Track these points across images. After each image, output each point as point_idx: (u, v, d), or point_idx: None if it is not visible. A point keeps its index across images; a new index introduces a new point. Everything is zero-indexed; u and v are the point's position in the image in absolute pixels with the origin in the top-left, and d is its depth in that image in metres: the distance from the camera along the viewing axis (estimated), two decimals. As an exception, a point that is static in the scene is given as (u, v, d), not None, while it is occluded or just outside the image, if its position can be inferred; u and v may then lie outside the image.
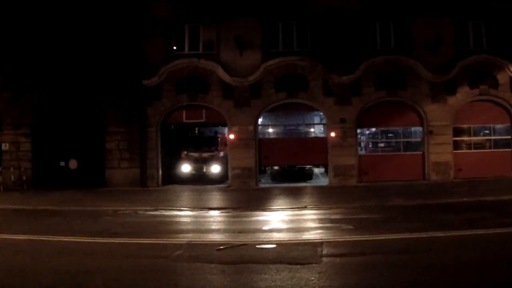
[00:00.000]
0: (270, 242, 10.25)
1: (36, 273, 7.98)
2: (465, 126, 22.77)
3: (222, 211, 15.61)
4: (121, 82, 21.69)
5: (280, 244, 10.05)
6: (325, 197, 18.27)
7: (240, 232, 11.66)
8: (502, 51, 21.85)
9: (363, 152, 23.22)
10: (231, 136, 22.35)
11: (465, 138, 22.87)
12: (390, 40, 22.32)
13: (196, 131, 25.76)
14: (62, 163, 22.08)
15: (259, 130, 22.97)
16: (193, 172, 23.54)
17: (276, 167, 24.50)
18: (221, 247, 9.65)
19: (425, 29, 21.96)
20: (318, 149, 22.43)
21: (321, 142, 22.65)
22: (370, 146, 24.07)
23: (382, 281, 7.23)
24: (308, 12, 21.87)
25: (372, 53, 22.01)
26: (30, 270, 8.17)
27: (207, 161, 23.65)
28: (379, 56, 21.98)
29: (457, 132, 22.62)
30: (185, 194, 20.38)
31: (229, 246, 9.73)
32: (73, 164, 22.13)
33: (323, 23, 21.88)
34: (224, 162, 23.37)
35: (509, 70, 21.98)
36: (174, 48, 22.57)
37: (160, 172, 22.63)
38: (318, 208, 15.32)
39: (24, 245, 10.25)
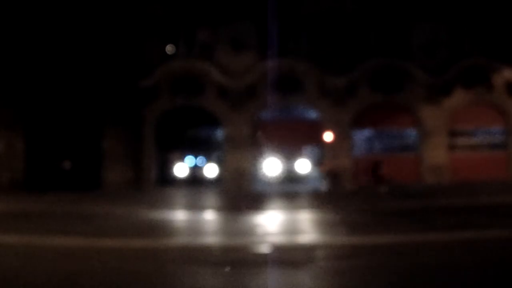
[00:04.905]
0: (264, 245, 10.22)
1: (28, 276, 7.91)
2: (460, 128, 22.82)
3: (217, 213, 15.58)
4: (118, 83, 21.61)
5: (274, 246, 10.01)
6: (320, 200, 18.27)
7: (234, 234, 11.63)
8: (497, 54, 21.92)
9: (358, 154, 23.18)
10: (227, 138, 22.30)
11: (460, 141, 22.91)
12: (386, 42, 22.33)
13: (192, 133, 25.67)
14: (60, 165, 21.97)
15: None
16: (189, 173, 23.49)
17: (273, 174, 24.30)
18: (216, 250, 9.61)
19: (421, 31, 22.03)
20: (312, 132, 22.53)
21: (315, 124, 22.63)
22: (366, 148, 24.03)
23: (376, 284, 7.21)
24: (302, 14, 21.87)
25: (368, 55, 22.03)
26: (21, 273, 8.10)
27: (202, 163, 23.63)
28: (375, 58, 22.01)
29: (452, 134, 22.68)
30: (180, 195, 20.33)
31: (224, 249, 9.70)
32: (67, 165, 22.05)
33: (318, 24, 21.89)
34: (220, 164, 23.33)
35: (504, 73, 22.04)
36: (170, 49, 22.57)
37: (156, 173, 22.56)
38: (313, 211, 15.30)
39: (15, 247, 10.16)
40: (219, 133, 23.44)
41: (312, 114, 22.88)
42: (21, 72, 21.48)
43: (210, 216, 15.32)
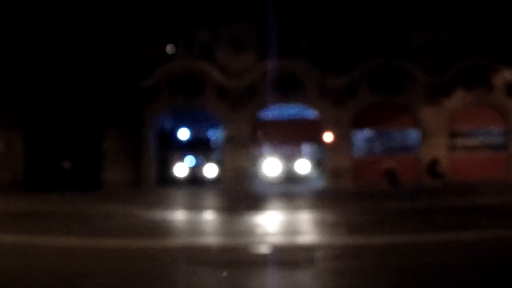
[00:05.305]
0: (264, 245, 10.21)
1: (28, 276, 7.91)
2: (460, 129, 22.82)
3: (217, 213, 15.57)
4: (118, 83, 21.60)
5: (274, 247, 10.00)
6: (319, 200, 18.27)
7: (234, 234, 11.62)
8: (497, 55, 21.93)
9: (358, 154, 23.18)
10: (227, 138, 22.31)
11: (460, 141, 22.91)
12: (386, 42, 22.32)
13: (192, 132, 25.69)
14: (60, 165, 21.97)
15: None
16: (189, 173, 23.50)
17: (273, 174, 24.25)
18: (215, 250, 9.61)
19: (421, 31, 22.03)
20: (311, 130, 22.53)
21: (314, 123, 22.61)
22: (365, 148, 24.03)
23: (375, 285, 7.21)
24: (302, 14, 21.89)
25: (368, 55, 22.04)
26: (21, 273, 8.09)
27: (202, 163, 23.64)
28: (375, 58, 22.01)
29: (452, 135, 22.68)
30: (180, 196, 20.31)
31: (223, 249, 9.69)
32: (67, 165, 22.04)
33: (318, 24, 21.89)
34: (220, 164, 23.32)
35: (504, 74, 22.05)
36: (170, 49, 22.60)
37: (156, 173, 22.56)
38: (313, 211, 15.29)
39: (15, 247, 10.16)
40: (219, 133, 23.44)
41: (312, 113, 22.89)
42: (21, 72, 21.46)
43: (209, 216, 15.30)
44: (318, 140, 22.90)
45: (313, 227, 12.88)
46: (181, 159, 23.73)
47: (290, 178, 23.64)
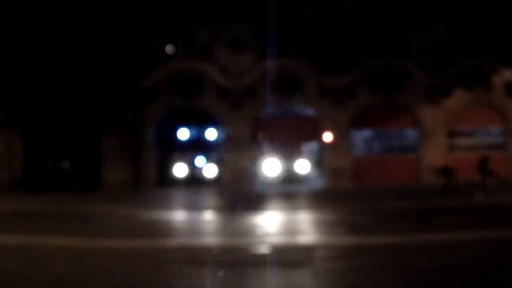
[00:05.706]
0: (264, 245, 10.20)
1: (27, 277, 7.89)
2: (459, 129, 22.81)
3: (216, 213, 15.56)
4: (117, 83, 21.60)
5: (274, 247, 10.00)
6: (319, 200, 18.26)
7: (234, 235, 11.62)
8: (497, 55, 21.93)
9: (357, 154, 23.17)
10: (227, 138, 22.30)
11: (460, 141, 22.90)
12: (386, 42, 22.32)
13: (191, 133, 25.66)
14: (59, 165, 21.96)
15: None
16: (188, 174, 23.49)
17: (272, 174, 24.21)
18: (215, 250, 9.60)
19: (421, 32, 22.04)
20: (311, 128, 22.52)
21: (314, 121, 22.58)
22: (365, 148, 24.02)
23: (374, 285, 7.20)
24: (302, 14, 21.88)
25: (367, 55, 22.04)
26: (20, 274, 8.08)
27: (202, 163, 23.63)
28: (375, 59, 22.01)
29: (452, 135, 22.67)
30: (179, 196, 20.31)
31: (223, 249, 9.68)
32: (67, 165, 22.03)
33: (318, 24, 21.88)
34: (220, 164, 23.31)
35: (504, 74, 22.05)
36: (170, 49, 22.59)
37: (155, 173, 22.54)
38: (312, 211, 15.29)
39: (14, 247, 10.14)
40: (219, 133, 23.42)
41: (311, 113, 22.86)
42: (20, 72, 21.46)
43: (209, 216, 15.30)
44: (318, 140, 22.90)
45: (313, 227, 12.87)
46: (180, 159, 23.70)
47: (289, 178, 23.63)
